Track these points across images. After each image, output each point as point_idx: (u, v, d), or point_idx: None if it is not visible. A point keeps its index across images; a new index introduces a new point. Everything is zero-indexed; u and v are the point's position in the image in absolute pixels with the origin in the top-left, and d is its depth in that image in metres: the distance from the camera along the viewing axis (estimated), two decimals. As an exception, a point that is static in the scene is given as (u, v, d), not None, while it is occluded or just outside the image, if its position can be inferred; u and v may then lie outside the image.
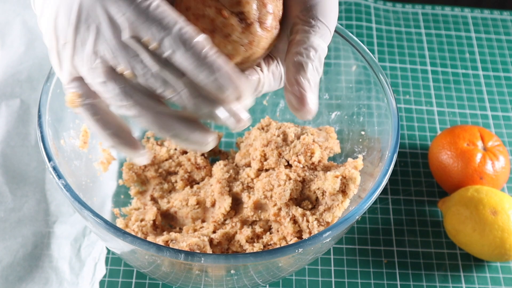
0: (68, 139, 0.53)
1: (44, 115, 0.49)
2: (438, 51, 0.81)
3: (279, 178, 0.53)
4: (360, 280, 0.60)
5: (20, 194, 0.61)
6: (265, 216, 0.54)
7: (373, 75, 0.55)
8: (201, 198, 0.57)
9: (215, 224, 0.55)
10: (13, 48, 0.70)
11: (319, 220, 0.51)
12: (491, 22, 0.85)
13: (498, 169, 0.64)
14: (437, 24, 0.84)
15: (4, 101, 0.66)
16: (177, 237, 0.53)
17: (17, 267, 0.57)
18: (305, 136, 0.55)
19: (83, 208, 0.44)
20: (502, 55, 0.82)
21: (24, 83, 0.68)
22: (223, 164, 0.57)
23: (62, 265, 0.58)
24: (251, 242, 0.54)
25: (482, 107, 0.76)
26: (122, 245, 0.46)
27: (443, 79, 0.78)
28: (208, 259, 0.43)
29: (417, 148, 0.71)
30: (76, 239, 0.59)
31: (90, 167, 0.58)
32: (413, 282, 0.60)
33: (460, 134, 0.65)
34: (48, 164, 0.46)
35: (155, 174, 0.61)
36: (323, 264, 0.61)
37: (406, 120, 0.73)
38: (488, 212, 0.59)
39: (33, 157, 0.64)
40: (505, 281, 0.61)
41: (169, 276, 0.50)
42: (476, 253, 0.61)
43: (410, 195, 0.67)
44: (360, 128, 0.59)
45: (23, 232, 0.59)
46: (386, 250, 0.62)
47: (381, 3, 0.85)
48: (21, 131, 0.65)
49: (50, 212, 0.61)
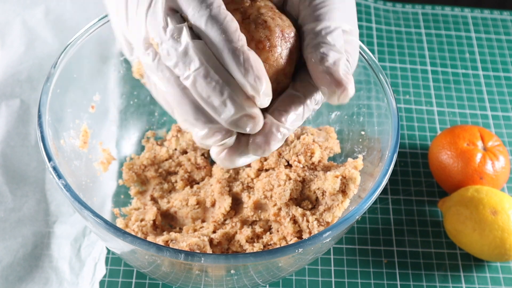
0: (68, 139, 0.53)
1: (44, 115, 0.49)
2: (438, 51, 0.81)
3: (279, 178, 0.53)
4: (360, 280, 0.60)
5: (20, 194, 0.61)
6: (265, 216, 0.54)
7: (373, 75, 0.55)
8: (201, 198, 0.57)
9: (215, 224, 0.55)
10: (13, 48, 0.70)
11: (319, 220, 0.51)
12: (491, 22, 0.85)
13: (498, 169, 0.64)
14: (437, 24, 0.84)
15: (4, 101, 0.66)
16: (177, 237, 0.53)
17: (17, 267, 0.57)
18: (305, 136, 0.55)
19: (83, 208, 0.44)
20: (502, 55, 0.82)
21: (24, 83, 0.68)
22: (223, 164, 0.57)
23: (62, 265, 0.58)
24: (251, 242, 0.54)
25: (482, 107, 0.76)
26: (122, 245, 0.46)
27: (443, 79, 0.78)
28: (208, 259, 0.43)
29: (417, 148, 0.71)
30: (76, 239, 0.59)
31: (90, 167, 0.58)
32: (413, 282, 0.60)
33: (460, 134, 0.65)
34: (48, 164, 0.46)
35: (155, 174, 0.61)
36: (323, 264, 0.61)
37: (406, 120, 0.73)
38: (488, 212, 0.59)
39: (33, 157, 0.64)
40: (505, 281, 0.61)
41: (169, 276, 0.50)
42: (476, 253, 0.61)
43: (410, 195, 0.67)
44: (360, 128, 0.59)
45: (23, 232, 0.59)
46: (386, 250, 0.62)
47: (381, 3, 0.85)
48: (21, 131, 0.65)
49: (50, 212, 0.61)
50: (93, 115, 0.58)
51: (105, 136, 0.61)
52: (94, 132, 0.58)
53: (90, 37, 0.55)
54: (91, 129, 0.58)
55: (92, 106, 0.58)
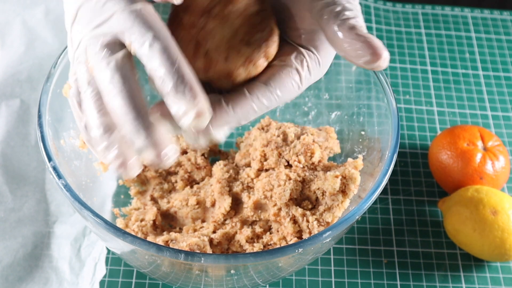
0: (68, 139, 0.53)
1: (44, 115, 0.49)
2: (438, 51, 0.81)
3: (279, 178, 0.53)
4: (360, 280, 0.60)
5: (20, 194, 0.61)
6: (265, 216, 0.54)
7: (373, 75, 0.55)
8: (201, 198, 0.57)
9: (215, 224, 0.55)
10: (13, 48, 0.70)
11: (319, 220, 0.51)
12: (491, 22, 0.85)
13: (498, 169, 0.64)
14: (437, 24, 0.84)
15: (4, 101, 0.66)
16: (177, 237, 0.53)
17: (17, 267, 0.57)
18: (305, 136, 0.55)
19: (83, 208, 0.44)
20: (502, 55, 0.82)
21: (24, 83, 0.68)
22: (223, 164, 0.57)
23: (62, 265, 0.58)
24: (251, 242, 0.54)
25: (482, 107, 0.76)
26: (122, 245, 0.46)
27: (443, 79, 0.78)
28: (208, 259, 0.43)
29: (417, 148, 0.71)
30: (76, 239, 0.59)
31: (90, 167, 0.58)
32: (413, 282, 0.60)
33: (460, 134, 0.65)
34: (48, 164, 0.46)
35: (155, 174, 0.61)
36: (323, 264, 0.61)
37: (406, 120, 0.73)
38: (488, 212, 0.59)
39: (33, 157, 0.64)
40: (505, 281, 0.61)
41: (169, 276, 0.50)
42: (476, 253, 0.61)
43: (410, 195, 0.67)
44: (360, 128, 0.59)
45: (23, 232, 0.59)
46: (386, 250, 0.62)
47: (381, 3, 0.85)
48: (21, 131, 0.65)
49: (50, 212, 0.61)
50: (93, 115, 0.58)
51: (105, 136, 0.61)
52: (94, 132, 0.58)
53: (90, 37, 0.54)
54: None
55: (92, 106, 0.58)
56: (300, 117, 0.66)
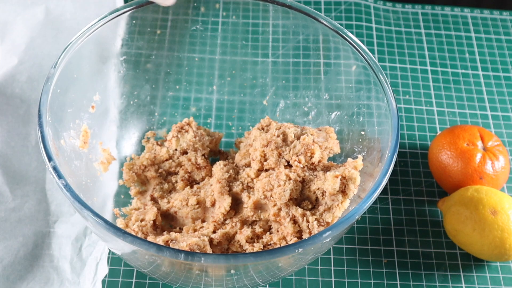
0: (68, 139, 0.53)
1: (44, 115, 0.49)
2: (438, 51, 0.81)
3: (279, 178, 0.53)
4: (360, 280, 0.60)
5: (21, 194, 0.61)
6: (265, 216, 0.54)
7: (373, 75, 0.55)
8: (201, 198, 0.57)
9: (215, 224, 0.55)
10: (13, 48, 0.70)
11: (319, 220, 0.51)
12: (491, 22, 0.85)
13: (498, 169, 0.64)
14: (437, 24, 0.84)
15: (4, 101, 0.66)
16: (177, 237, 0.53)
17: (18, 267, 0.57)
18: (305, 137, 0.55)
19: (83, 208, 0.44)
20: (502, 55, 0.82)
21: (24, 83, 0.68)
22: (223, 164, 0.57)
23: (63, 265, 0.58)
24: (251, 242, 0.54)
25: (482, 107, 0.76)
26: (122, 245, 0.46)
27: (443, 79, 0.78)
28: (208, 259, 0.43)
29: (417, 148, 0.71)
30: (77, 238, 0.59)
31: (90, 167, 0.58)
32: (413, 282, 0.60)
33: (460, 134, 0.65)
34: (48, 164, 0.46)
35: (155, 174, 0.61)
36: (323, 264, 0.61)
37: (406, 120, 0.73)
38: (488, 212, 0.59)
39: (33, 157, 0.64)
40: (505, 281, 0.61)
41: (169, 276, 0.50)
42: (476, 253, 0.61)
43: (410, 195, 0.67)
44: (360, 128, 0.59)
45: (24, 231, 0.59)
46: (386, 250, 0.62)
47: (381, 3, 0.85)
48: (21, 131, 0.65)
49: (50, 211, 0.61)
50: (93, 115, 0.58)
51: (105, 136, 0.61)
52: (94, 132, 0.59)
53: (90, 37, 0.55)
54: (91, 129, 0.58)
55: (92, 106, 0.58)
56: (300, 117, 0.66)
